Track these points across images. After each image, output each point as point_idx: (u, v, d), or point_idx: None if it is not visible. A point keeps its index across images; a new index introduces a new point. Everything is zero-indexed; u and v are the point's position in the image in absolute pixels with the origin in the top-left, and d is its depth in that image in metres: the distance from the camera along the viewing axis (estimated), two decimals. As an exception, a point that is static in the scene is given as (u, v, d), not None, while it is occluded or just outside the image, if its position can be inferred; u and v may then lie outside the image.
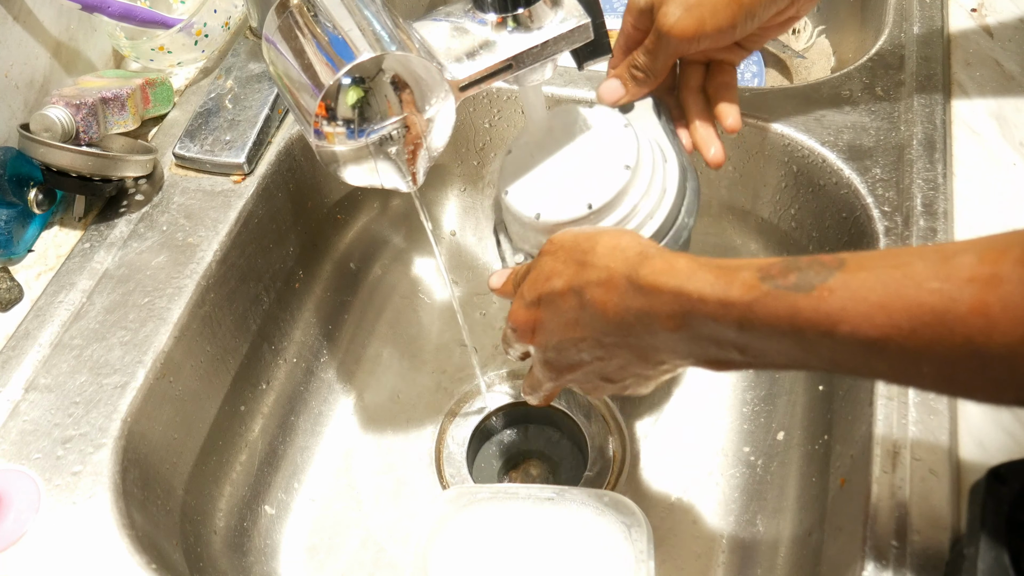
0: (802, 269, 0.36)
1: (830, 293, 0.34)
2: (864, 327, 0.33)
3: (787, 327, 0.35)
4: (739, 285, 0.37)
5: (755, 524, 0.65)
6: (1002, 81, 0.69)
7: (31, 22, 0.65)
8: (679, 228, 0.54)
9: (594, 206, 0.52)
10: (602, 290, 0.43)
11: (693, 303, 0.38)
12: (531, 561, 0.56)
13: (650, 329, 0.41)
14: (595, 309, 0.43)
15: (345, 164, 0.48)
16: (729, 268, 0.38)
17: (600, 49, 0.55)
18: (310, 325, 0.75)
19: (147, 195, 0.66)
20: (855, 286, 0.34)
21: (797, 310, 0.35)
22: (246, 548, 0.65)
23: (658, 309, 0.40)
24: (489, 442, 0.75)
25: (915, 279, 0.32)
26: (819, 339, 0.35)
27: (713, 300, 0.38)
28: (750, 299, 0.36)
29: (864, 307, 0.33)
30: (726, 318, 0.38)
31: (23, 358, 0.57)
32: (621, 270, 0.42)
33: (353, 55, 0.44)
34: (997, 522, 0.41)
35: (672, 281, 0.39)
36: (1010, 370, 0.30)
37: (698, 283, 0.38)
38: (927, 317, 0.31)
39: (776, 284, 0.36)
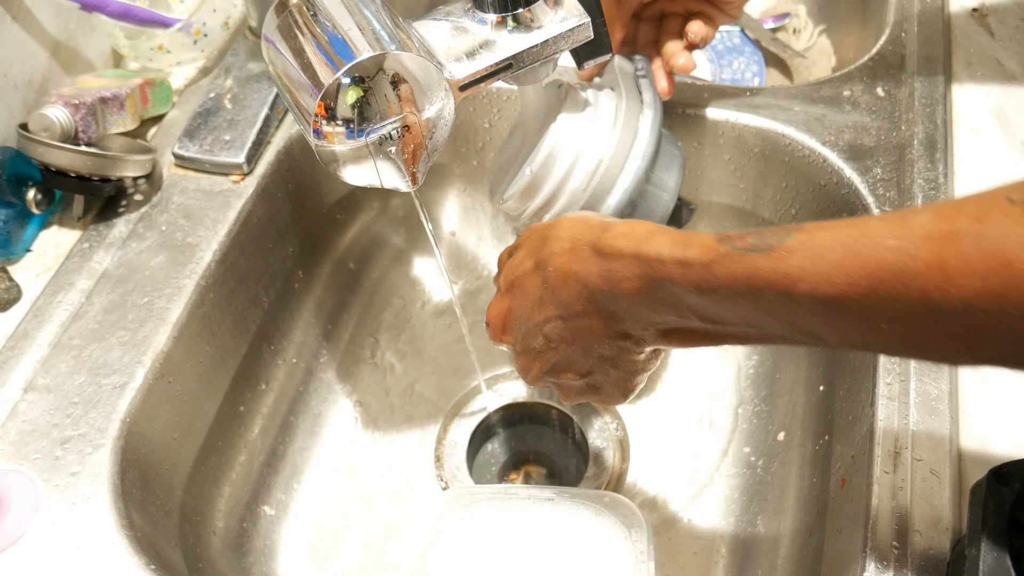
0: (760, 233, 0.36)
1: (788, 253, 0.34)
2: (822, 285, 0.33)
3: (745, 288, 0.36)
4: (697, 247, 0.37)
5: (755, 524, 0.64)
6: (1003, 80, 0.68)
7: (30, 21, 0.65)
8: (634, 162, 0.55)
9: (533, 169, 0.54)
10: (564, 258, 0.43)
11: (652, 264, 0.39)
12: (531, 561, 0.56)
13: (611, 293, 0.41)
14: (557, 279, 0.43)
15: (345, 164, 0.48)
16: (687, 234, 0.39)
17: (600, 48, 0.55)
18: (309, 325, 0.74)
19: (146, 195, 0.66)
20: (813, 245, 0.34)
21: (755, 270, 0.35)
22: (245, 549, 0.64)
23: (618, 271, 0.40)
24: (489, 442, 0.75)
25: (872, 237, 0.32)
26: (777, 300, 0.35)
27: (671, 261, 0.38)
28: (708, 260, 0.37)
29: (822, 265, 0.33)
30: (684, 279, 0.38)
31: (22, 358, 0.57)
32: (584, 238, 0.43)
33: (353, 54, 0.44)
34: (998, 523, 0.40)
35: (632, 244, 0.40)
36: (965, 325, 0.30)
37: (656, 245, 0.39)
38: (884, 274, 0.31)
39: (734, 245, 0.36)
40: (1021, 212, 0.29)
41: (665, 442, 0.71)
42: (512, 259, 0.48)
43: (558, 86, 0.58)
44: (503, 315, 0.49)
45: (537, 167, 0.55)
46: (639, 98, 0.57)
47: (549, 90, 0.58)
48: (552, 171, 0.55)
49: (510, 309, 0.48)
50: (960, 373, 0.53)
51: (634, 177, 0.55)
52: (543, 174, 0.55)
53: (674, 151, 0.58)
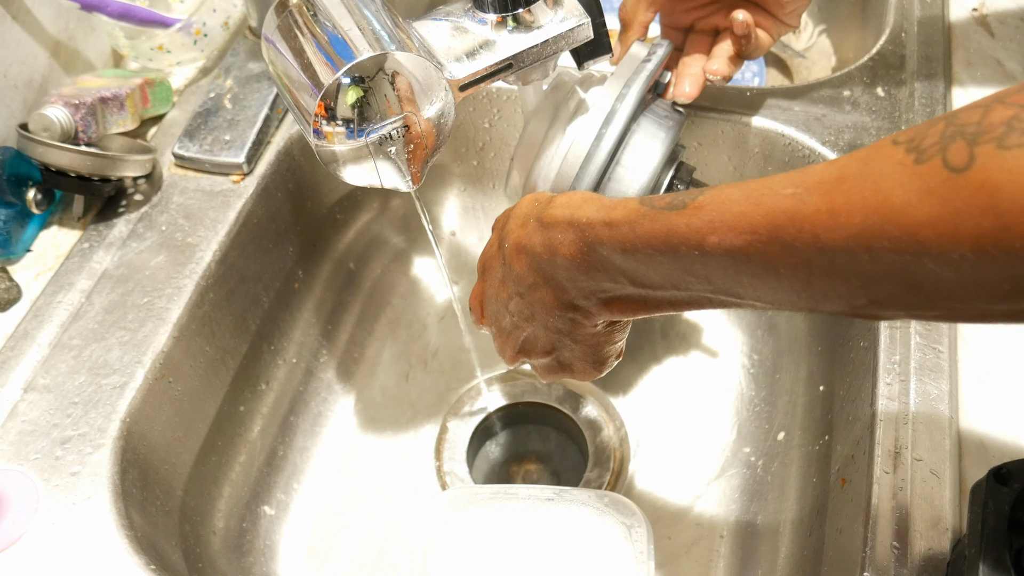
0: (678, 193, 0.38)
1: (699, 208, 0.36)
2: (729, 236, 0.35)
3: (664, 246, 0.38)
4: (621, 209, 0.40)
5: (755, 524, 0.64)
6: (1003, 81, 0.68)
7: (30, 21, 0.65)
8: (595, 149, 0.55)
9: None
10: (516, 234, 0.45)
11: (583, 228, 0.41)
12: (531, 561, 0.56)
13: (552, 261, 0.43)
14: (512, 255, 0.46)
15: (345, 164, 0.48)
16: (617, 199, 0.41)
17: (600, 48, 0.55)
18: (309, 325, 0.74)
19: (146, 195, 0.66)
20: (721, 199, 0.36)
21: (671, 227, 0.37)
22: (245, 549, 0.64)
23: (556, 238, 0.43)
24: (489, 442, 0.75)
25: (773, 188, 0.34)
26: (692, 256, 0.37)
27: (599, 223, 0.40)
28: (630, 220, 0.39)
29: (728, 217, 0.35)
30: (611, 240, 0.40)
31: (22, 358, 0.57)
32: (531, 212, 0.45)
33: (353, 54, 0.44)
34: (998, 523, 0.40)
35: (566, 211, 0.42)
36: (854, 264, 0.31)
37: (587, 210, 0.41)
38: (781, 220, 0.33)
39: (653, 205, 0.38)
40: (903, 151, 0.30)
41: (665, 442, 0.71)
42: (487, 245, 0.51)
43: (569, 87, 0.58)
44: (478, 297, 0.51)
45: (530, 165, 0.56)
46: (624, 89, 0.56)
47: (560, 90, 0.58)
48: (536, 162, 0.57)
49: (484, 291, 0.50)
50: (960, 373, 0.53)
51: (594, 163, 0.55)
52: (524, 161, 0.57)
53: (657, 129, 0.57)
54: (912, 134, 0.30)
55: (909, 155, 0.30)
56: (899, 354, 0.54)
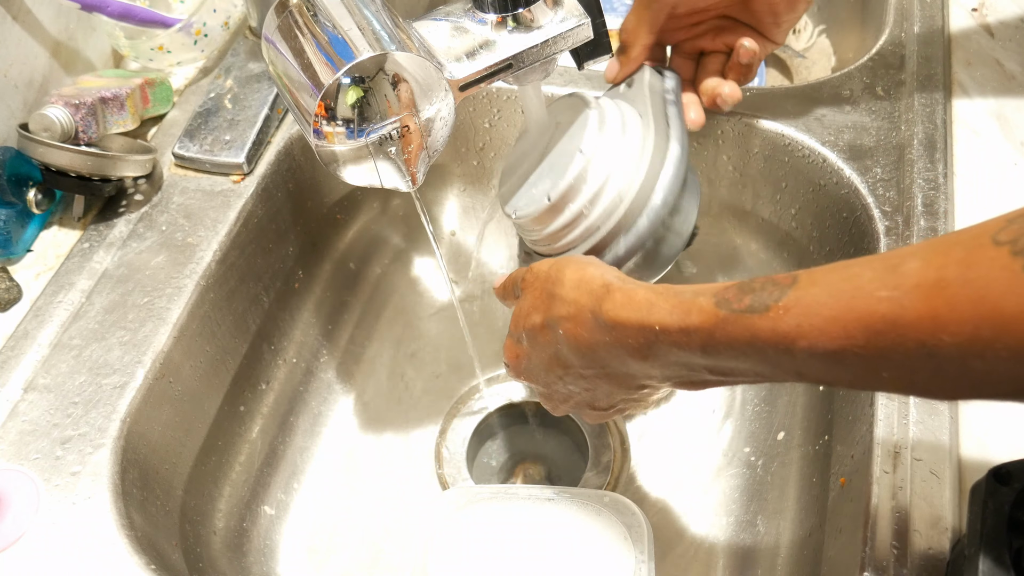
0: (755, 291, 0.37)
1: (784, 312, 0.35)
2: (821, 341, 0.34)
3: (748, 348, 0.36)
4: (697, 312, 0.38)
5: (755, 524, 0.64)
6: (1003, 81, 0.69)
7: (30, 21, 0.65)
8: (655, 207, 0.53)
9: (552, 197, 0.52)
10: (572, 324, 0.44)
11: (656, 334, 0.40)
12: (531, 561, 0.56)
13: (622, 360, 0.42)
14: (568, 344, 0.44)
15: (345, 164, 0.48)
16: (685, 296, 0.40)
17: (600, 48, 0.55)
18: (310, 325, 0.75)
19: (146, 195, 0.66)
20: (808, 302, 0.34)
21: (754, 332, 0.36)
22: (245, 549, 0.64)
23: (624, 342, 0.41)
24: (489, 442, 0.75)
25: (865, 290, 0.33)
26: (780, 356, 0.36)
27: (675, 329, 0.39)
28: (709, 325, 0.38)
29: (818, 322, 0.34)
30: (689, 345, 0.39)
31: (22, 358, 0.57)
32: (586, 304, 0.43)
33: (353, 55, 0.44)
34: (998, 523, 0.40)
35: (634, 315, 0.41)
36: (962, 368, 0.30)
37: (658, 314, 0.40)
38: (880, 326, 0.32)
39: (732, 308, 0.37)
40: (1008, 255, 0.29)
41: (665, 442, 0.71)
42: (520, 306, 0.49)
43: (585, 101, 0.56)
44: (519, 360, 0.50)
45: (557, 196, 0.53)
46: (666, 128, 0.55)
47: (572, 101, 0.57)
48: (572, 202, 0.53)
49: (527, 354, 0.49)
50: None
51: (651, 223, 0.53)
52: (562, 203, 0.53)
53: (694, 192, 0.56)
54: (1014, 233, 0.29)
55: (1016, 260, 0.29)
56: (899, 354, 0.54)
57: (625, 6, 0.91)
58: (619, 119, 0.55)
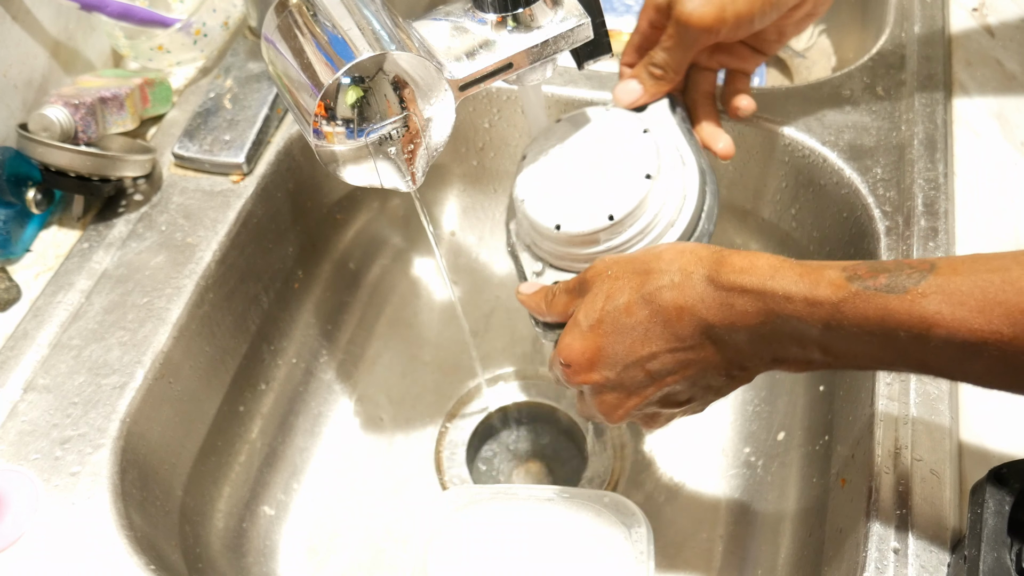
0: (891, 271, 0.36)
1: (923, 296, 0.34)
2: (961, 331, 0.33)
3: (877, 328, 0.36)
4: (826, 284, 0.37)
5: (755, 525, 0.64)
6: (1003, 81, 0.68)
7: (30, 21, 0.65)
8: (700, 234, 0.54)
9: (615, 217, 0.51)
10: (676, 292, 0.42)
11: (778, 301, 0.38)
12: (531, 561, 0.56)
13: (732, 328, 0.41)
14: (669, 314, 0.42)
15: (344, 164, 0.48)
16: (812, 267, 0.38)
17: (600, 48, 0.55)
18: (309, 325, 0.74)
19: (146, 195, 0.66)
20: (951, 290, 0.34)
21: (889, 311, 0.35)
22: (245, 549, 0.64)
23: (740, 307, 0.40)
24: (489, 442, 0.75)
25: (1016, 284, 0.33)
26: (911, 341, 0.35)
27: (799, 298, 0.38)
28: (838, 298, 0.37)
29: (962, 311, 0.33)
30: (812, 317, 0.38)
31: (21, 358, 0.57)
32: (696, 270, 0.41)
33: (352, 54, 0.44)
34: (998, 523, 0.40)
35: (755, 280, 0.39)
36: None
37: (783, 281, 0.38)
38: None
39: (865, 285, 0.36)
40: None
41: (665, 442, 0.71)
42: (594, 294, 0.46)
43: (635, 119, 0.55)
44: (590, 353, 0.45)
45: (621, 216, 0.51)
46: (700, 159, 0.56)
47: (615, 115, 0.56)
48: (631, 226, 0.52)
49: (600, 347, 0.45)
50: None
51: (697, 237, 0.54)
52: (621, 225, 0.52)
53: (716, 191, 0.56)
54: None
55: None
56: (899, 354, 0.54)
57: (625, 6, 0.91)
58: (675, 150, 0.55)
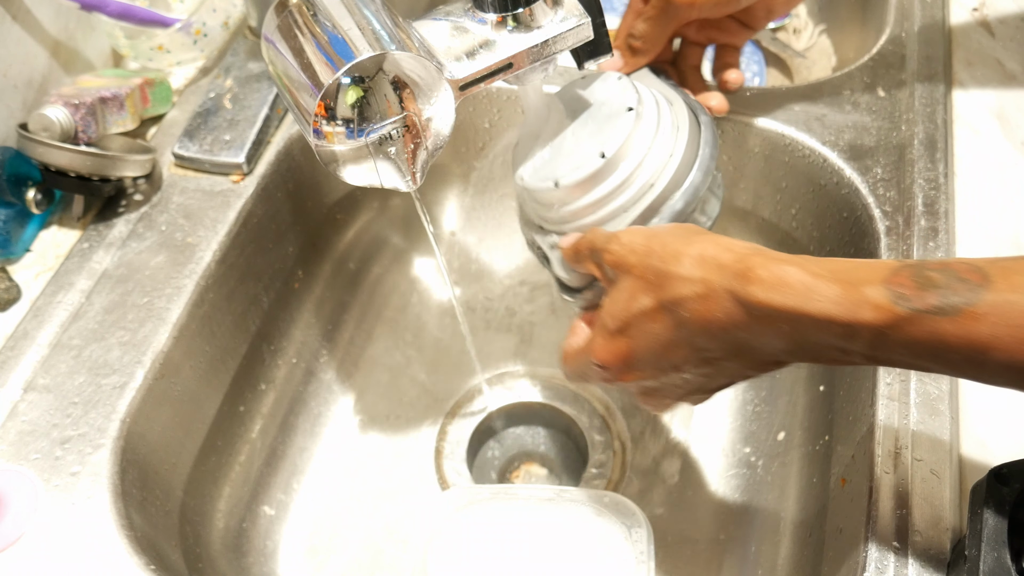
0: (939, 288, 0.33)
1: (978, 319, 0.32)
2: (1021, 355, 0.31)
3: (927, 351, 0.33)
4: (870, 307, 0.34)
5: (755, 525, 0.64)
6: (1003, 80, 0.68)
7: (29, 21, 0.65)
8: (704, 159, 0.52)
9: (607, 154, 0.50)
10: (701, 305, 0.39)
11: (815, 325, 0.35)
12: (531, 561, 0.56)
13: (766, 343, 0.38)
14: (696, 326, 0.40)
15: (344, 164, 0.48)
16: (851, 281, 0.35)
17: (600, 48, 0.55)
18: (309, 325, 0.74)
19: (146, 195, 0.66)
20: (1007, 310, 0.32)
21: (940, 337, 0.33)
22: (245, 549, 0.64)
23: (773, 328, 0.37)
24: (489, 442, 0.75)
25: None
26: (965, 364, 0.33)
27: (839, 323, 0.35)
28: (883, 324, 0.34)
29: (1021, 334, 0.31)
30: (855, 339, 0.35)
31: (21, 358, 0.57)
32: (721, 284, 0.38)
33: (352, 54, 0.44)
34: (999, 523, 0.40)
35: (788, 301, 0.36)
36: None
37: (820, 303, 0.35)
38: None
39: (913, 307, 0.33)
40: None
41: (665, 442, 0.71)
42: (616, 294, 0.44)
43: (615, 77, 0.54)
44: (623, 356, 0.44)
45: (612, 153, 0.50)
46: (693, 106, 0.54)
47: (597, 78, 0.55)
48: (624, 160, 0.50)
49: (631, 351, 0.43)
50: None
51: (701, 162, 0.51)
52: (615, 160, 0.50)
53: (718, 179, 0.55)
54: None
55: None
56: (899, 354, 0.54)
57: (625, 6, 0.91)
58: (657, 92, 0.54)
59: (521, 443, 0.75)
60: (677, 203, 0.51)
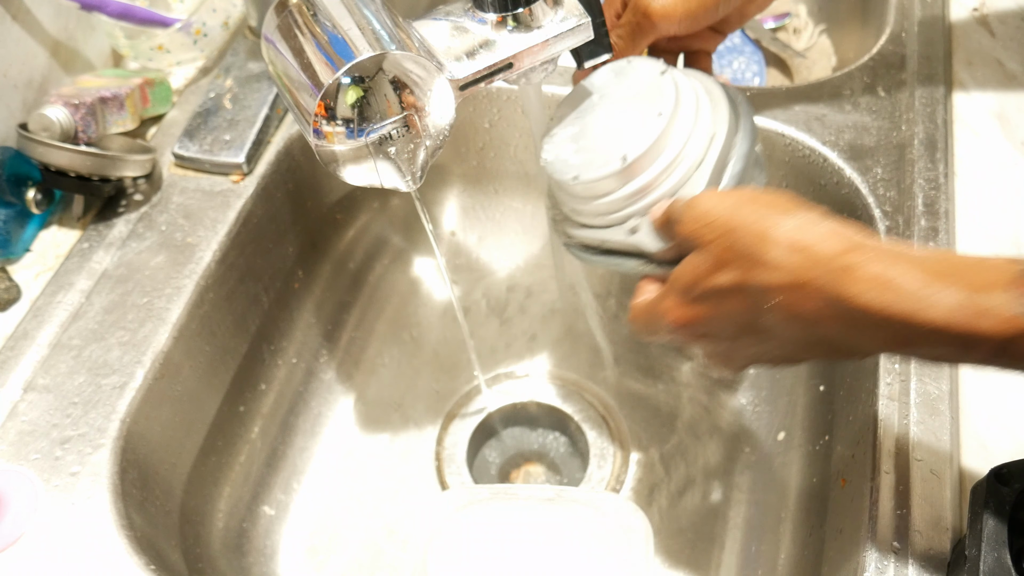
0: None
1: None
2: None
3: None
4: (992, 318, 0.32)
5: (755, 525, 0.64)
6: (1003, 80, 0.68)
7: (29, 21, 0.65)
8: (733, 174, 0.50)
9: (629, 158, 0.49)
10: (789, 298, 0.36)
11: (927, 333, 0.33)
12: (531, 562, 0.56)
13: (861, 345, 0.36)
14: (781, 317, 0.37)
15: (344, 164, 0.48)
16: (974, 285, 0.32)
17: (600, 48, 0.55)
18: (310, 325, 0.74)
19: (146, 195, 0.66)
20: None
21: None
22: (245, 549, 0.64)
23: (872, 331, 0.34)
24: (489, 442, 0.75)
25: None
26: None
27: (955, 333, 0.32)
28: (1006, 336, 0.31)
29: None
30: (974, 350, 0.33)
31: (21, 358, 0.57)
32: (816, 280, 0.35)
33: (352, 54, 0.44)
34: (999, 523, 0.40)
35: (896, 306, 0.33)
36: None
37: (936, 311, 0.32)
38: None
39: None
40: None
41: (665, 442, 0.71)
42: (696, 260, 0.41)
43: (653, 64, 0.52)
44: (696, 323, 0.42)
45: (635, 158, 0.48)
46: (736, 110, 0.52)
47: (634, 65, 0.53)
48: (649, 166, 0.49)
49: (706, 319, 0.41)
50: (960, 373, 0.53)
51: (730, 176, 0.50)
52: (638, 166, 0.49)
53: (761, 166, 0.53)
54: None
55: None
56: (899, 354, 0.54)
57: (625, 6, 0.91)
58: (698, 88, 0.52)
59: (521, 443, 0.75)
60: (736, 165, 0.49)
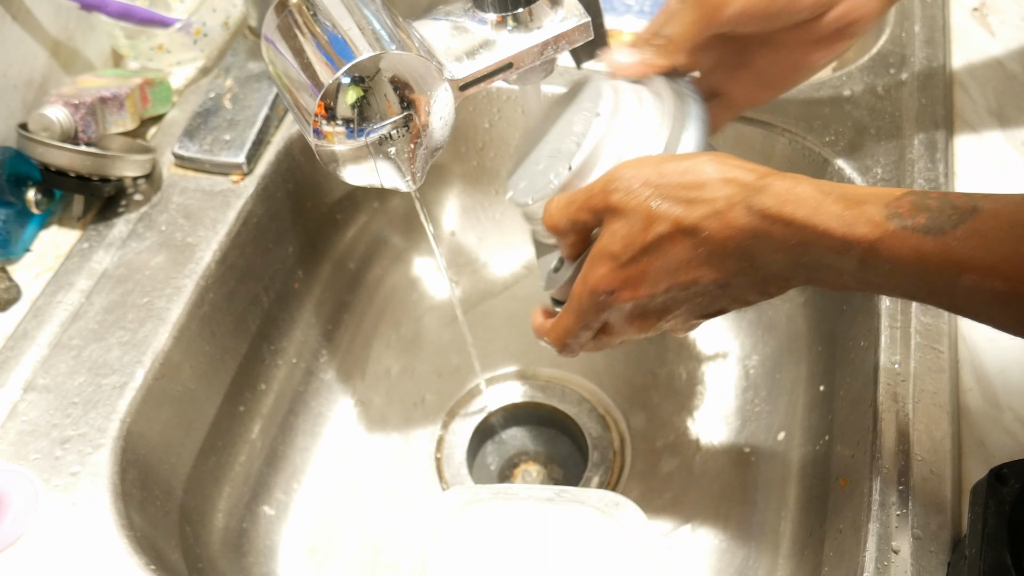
0: (932, 210, 0.35)
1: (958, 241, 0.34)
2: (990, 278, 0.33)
3: (910, 268, 0.36)
4: (865, 223, 0.37)
5: (756, 525, 0.64)
6: (1003, 80, 0.68)
7: (29, 21, 0.65)
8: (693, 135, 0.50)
9: (573, 166, 0.49)
10: (719, 222, 0.41)
11: (818, 236, 0.38)
12: (531, 562, 0.56)
13: (770, 256, 0.40)
14: (714, 243, 0.41)
15: (344, 164, 0.48)
16: (855, 199, 0.38)
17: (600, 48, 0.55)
18: (310, 325, 0.74)
19: (146, 195, 0.66)
20: (988, 236, 0.33)
21: (922, 254, 0.35)
22: (245, 549, 0.64)
23: (780, 237, 0.39)
24: (489, 442, 0.75)
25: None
26: (941, 284, 0.35)
27: (837, 236, 0.37)
28: (874, 237, 0.36)
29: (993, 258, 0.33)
30: (848, 253, 0.37)
31: (21, 358, 0.57)
32: (739, 198, 0.40)
33: (352, 54, 0.44)
34: (999, 522, 0.40)
35: (797, 212, 0.38)
36: None
37: (823, 217, 0.38)
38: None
39: (904, 224, 0.36)
40: None
41: (665, 442, 0.71)
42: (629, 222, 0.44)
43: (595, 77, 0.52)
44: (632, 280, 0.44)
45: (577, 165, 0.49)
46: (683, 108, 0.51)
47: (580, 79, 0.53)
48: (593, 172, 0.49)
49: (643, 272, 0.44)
50: (960, 373, 0.53)
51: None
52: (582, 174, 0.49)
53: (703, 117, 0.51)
54: None
55: None
56: (899, 354, 0.54)
57: (625, 6, 0.91)
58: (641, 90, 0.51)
59: (521, 443, 0.75)
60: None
